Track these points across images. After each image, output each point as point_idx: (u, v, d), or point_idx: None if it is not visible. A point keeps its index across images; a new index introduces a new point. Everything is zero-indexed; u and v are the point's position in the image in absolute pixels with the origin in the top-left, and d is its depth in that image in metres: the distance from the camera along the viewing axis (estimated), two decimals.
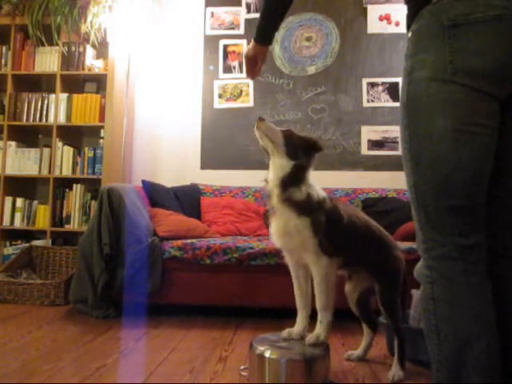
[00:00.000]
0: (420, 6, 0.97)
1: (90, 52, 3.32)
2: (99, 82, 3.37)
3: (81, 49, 3.28)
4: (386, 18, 3.37)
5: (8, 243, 3.20)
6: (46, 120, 3.27)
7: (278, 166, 1.49)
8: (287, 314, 2.25)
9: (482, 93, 0.91)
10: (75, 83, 3.36)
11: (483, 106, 0.92)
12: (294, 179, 1.47)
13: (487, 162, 0.94)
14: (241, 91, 3.44)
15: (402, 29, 3.33)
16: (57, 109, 3.24)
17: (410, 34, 1.01)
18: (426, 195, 0.96)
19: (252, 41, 1.47)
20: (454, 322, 0.93)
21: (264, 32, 1.43)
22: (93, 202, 3.20)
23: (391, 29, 3.36)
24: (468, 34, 0.90)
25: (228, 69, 3.48)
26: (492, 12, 0.88)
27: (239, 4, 3.49)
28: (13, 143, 3.27)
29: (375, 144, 3.33)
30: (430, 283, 0.96)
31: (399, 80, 3.32)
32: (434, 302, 0.95)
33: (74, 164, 3.25)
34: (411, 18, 1.01)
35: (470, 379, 0.90)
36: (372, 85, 3.36)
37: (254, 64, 1.52)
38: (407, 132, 0.99)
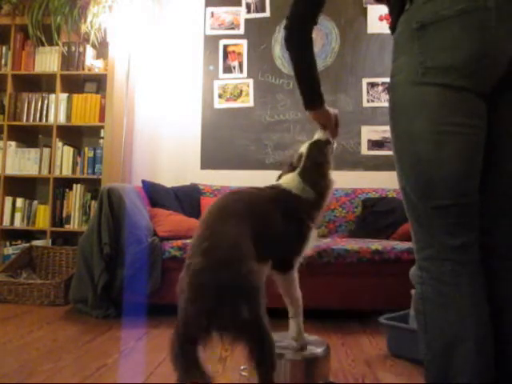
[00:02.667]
0: (398, 15, 0.99)
1: (90, 52, 3.32)
2: (99, 82, 3.37)
3: (81, 49, 3.28)
4: (386, 18, 3.36)
5: (8, 243, 3.20)
6: (46, 120, 3.27)
7: None
8: (287, 314, 2.25)
9: (456, 89, 0.90)
10: (75, 83, 3.36)
11: (461, 104, 0.91)
12: None
13: (472, 160, 0.93)
14: (241, 91, 3.44)
15: None
16: (57, 109, 3.24)
17: (393, 42, 1.03)
18: (413, 196, 0.98)
19: (310, 112, 1.40)
20: (441, 322, 0.93)
21: (310, 95, 1.35)
22: (93, 202, 3.20)
23: None
24: (435, 33, 0.91)
25: (228, 69, 3.48)
26: (457, 6, 0.88)
27: (239, 4, 3.49)
28: (13, 143, 3.27)
29: (375, 144, 3.33)
30: (421, 283, 0.97)
31: None
32: (423, 302, 0.96)
33: (74, 164, 3.25)
34: (393, 28, 1.03)
35: (456, 380, 0.90)
36: (372, 85, 3.36)
37: (330, 124, 1.47)
38: (393, 135, 1.01)
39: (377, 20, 3.38)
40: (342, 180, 3.28)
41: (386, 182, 3.14)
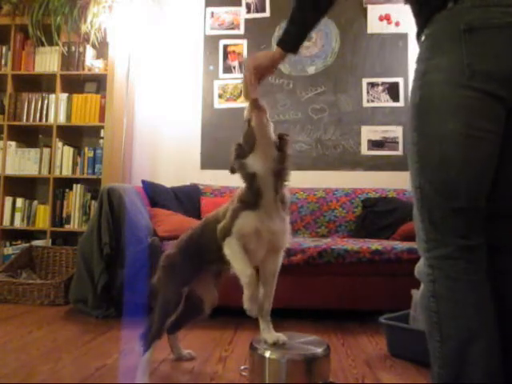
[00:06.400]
0: (434, 11, 0.98)
1: (90, 52, 3.32)
2: (99, 82, 3.37)
3: (81, 49, 3.27)
4: (386, 18, 3.37)
5: (8, 243, 3.20)
6: (46, 120, 3.27)
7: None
8: (287, 314, 2.25)
9: (494, 97, 0.92)
10: (75, 83, 3.36)
11: (493, 112, 0.93)
12: (287, 173, 1.41)
13: (491, 166, 0.96)
14: (241, 91, 3.44)
15: (402, 29, 3.33)
16: (57, 109, 3.24)
17: (423, 38, 1.02)
18: (431, 197, 0.98)
19: (277, 49, 1.30)
20: (456, 319, 0.94)
21: (297, 39, 1.27)
22: (93, 202, 3.20)
23: (391, 29, 3.36)
24: (484, 38, 0.92)
25: (228, 69, 3.48)
26: (508, 19, 0.90)
27: (239, 4, 3.49)
28: (13, 143, 3.27)
29: (375, 144, 3.32)
30: (432, 282, 0.97)
31: (399, 80, 3.32)
32: (436, 300, 0.96)
33: (74, 164, 3.25)
34: (424, 23, 1.02)
35: (473, 376, 0.91)
36: (372, 85, 3.35)
37: (263, 76, 1.40)
38: (416, 133, 1.00)
39: (377, 20, 3.38)
40: (341, 180, 3.31)
41: (386, 182, 3.14)
